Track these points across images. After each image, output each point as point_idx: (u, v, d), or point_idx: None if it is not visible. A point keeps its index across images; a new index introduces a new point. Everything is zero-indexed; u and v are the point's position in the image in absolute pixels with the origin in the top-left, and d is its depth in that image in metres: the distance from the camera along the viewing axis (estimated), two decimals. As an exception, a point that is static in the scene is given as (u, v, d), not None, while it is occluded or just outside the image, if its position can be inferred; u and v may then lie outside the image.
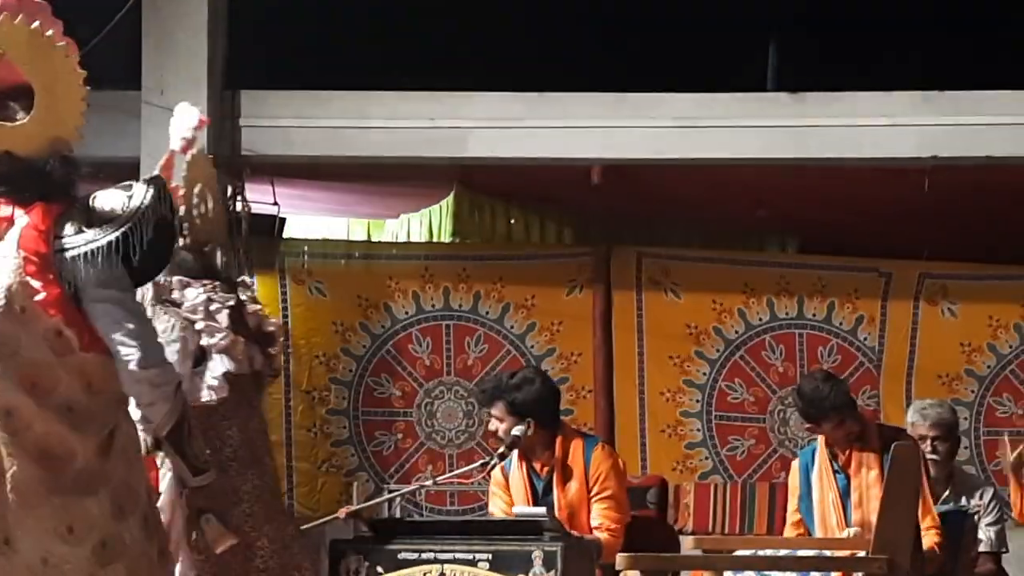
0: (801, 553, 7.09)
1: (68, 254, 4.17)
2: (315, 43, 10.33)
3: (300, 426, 10.57)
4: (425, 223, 11.04)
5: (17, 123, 4.25)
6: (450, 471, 10.10)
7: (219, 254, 6.30)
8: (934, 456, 8.01)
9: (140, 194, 4.23)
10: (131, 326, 4.16)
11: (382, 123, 9.50)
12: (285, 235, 10.15)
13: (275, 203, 9.80)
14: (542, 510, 6.90)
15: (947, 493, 8.00)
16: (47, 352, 4.16)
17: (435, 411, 10.61)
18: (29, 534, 4.11)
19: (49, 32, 4.27)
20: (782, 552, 7.20)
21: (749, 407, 10.57)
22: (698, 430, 10.56)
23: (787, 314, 10.58)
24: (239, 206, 9.58)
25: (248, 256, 9.72)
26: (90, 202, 4.24)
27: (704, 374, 10.56)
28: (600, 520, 7.24)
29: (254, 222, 9.70)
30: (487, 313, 10.61)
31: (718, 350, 10.56)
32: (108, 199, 4.23)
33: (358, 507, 7.89)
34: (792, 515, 7.66)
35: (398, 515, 9.92)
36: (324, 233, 11.01)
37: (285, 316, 10.55)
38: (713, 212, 11.05)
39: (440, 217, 10.98)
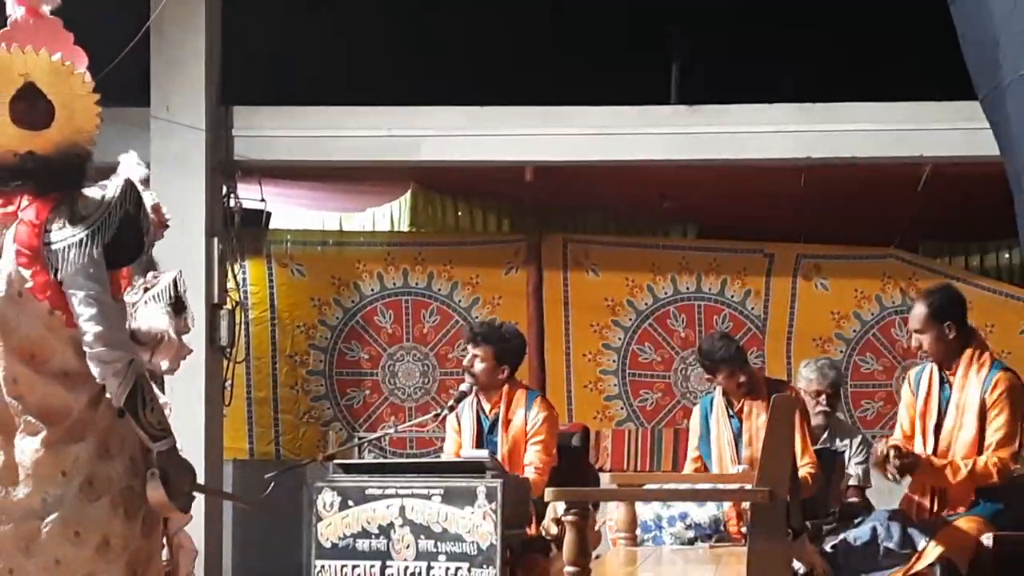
0: (699, 486, 7.13)
1: (52, 247, 4.15)
2: (295, 66, 10.31)
3: (284, 384, 10.55)
4: (387, 216, 11.01)
5: (41, 132, 4.23)
6: (409, 421, 10.11)
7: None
8: (826, 408, 8.06)
9: (110, 193, 4.21)
10: (90, 311, 4.10)
11: (350, 133, 9.48)
12: (271, 227, 10.11)
13: (263, 200, 9.76)
14: (485, 452, 6.90)
15: (825, 436, 8.06)
16: (42, 328, 4.15)
17: (396, 371, 10.61)
18: (31, 479, 4.13)
19: (68, 62, 4.26)
20: (683, 486, 7.24)
21: (657, 366, 10.59)
22: (615, 385, 10.59)
23: (688, 289, 10.61)
24: (233, 203, 9.57)
25: (240, 244, 9.71)
26: (76, 200, 4.20)
27: (619, 339, 10.58)
28: (531, 459, 7.26)
29: (245, 216, 9.64)
30: (439, 290, 10.61)
31: (631, 319, 10.58)
32: (87, 197, 4.21)
33: (333, 451, 7.90)
34: (692, 451, 7.68)
35: (366, 458, 9.93)
36: (304, 224, 10.99)
37: (271, 293, 10.54)
38: (625, 205, 11.05)
39: (399, 211, 10.96)
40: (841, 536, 6.53)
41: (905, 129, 9.29)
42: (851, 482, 8.02)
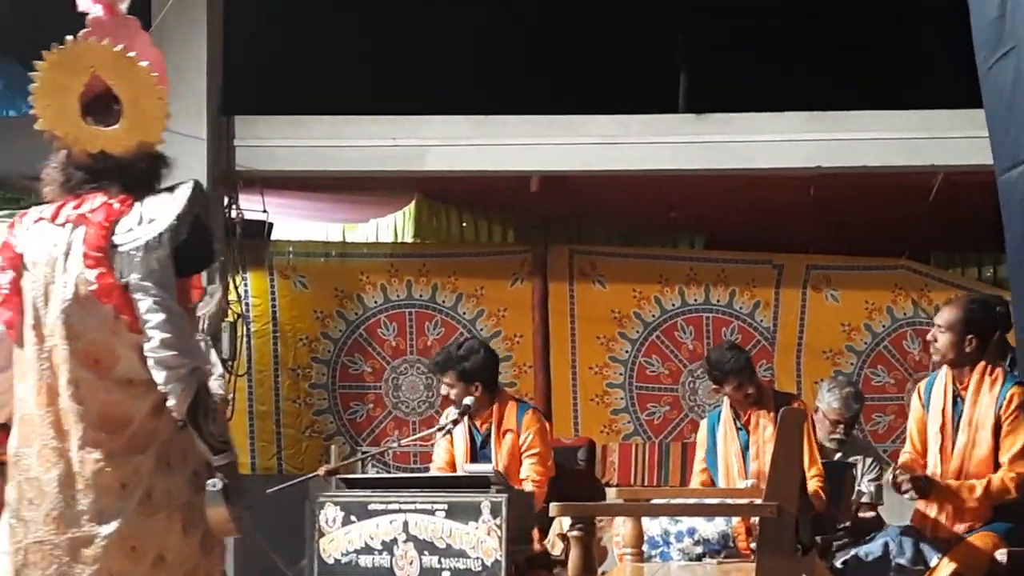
0: (707, 501, 7.13)
1: (119, 250, 4.12)
2: (297, 75, 10.32)
3: (287, 398, 10.55)
4: (391, 226, 11.03)
5: (110, 128, 4.23)
6: (413, 435, 10.11)
7: None
8: (843, 438, 8.05)
9: (178, 196, 4.17)
10: (156, 316, 4.06)
11: (353, 143, 9.49)
12: (273, 238, 10.12)
13: (264, 211, 9.76)
14: (489, 467, 6.91)
15: (838, 455, 8.05)
16: (107, 333, 4.12)
17: (400, 384, 10.61)
18: (90, 490, 4.10)
19: (132, 53, 4.25)
20: (691, 501, 7.23)
21: (664, 379, 10.59)
22: (621, 399, 10.59)
23: (695, 300, 10.61)
24: (234, 214, 9.57)
25: (242, 255, 9.72)
26: (142, 203, 4.18)
27: (626, 351, 10.58)
28: (527, 472, 7.27)
29: (247, 227, 9.65)
30: (443, 302, 10.62)
31: (638, 331, 10.59)
32: (155, 200, 4.18)
33: (336, 466, 7.90)
34: (699, 464, 7.69)
35: (369, 473, 9.93)
36: (306, 235, 11.00)
37: (273, 305, 10.55)
38: (632, 215, 11.06)
39: (403, 221, 10.97)
40: (852, 552, 6.53)
41: (916, 138, 9.28)
42: (863, 499, 8.01)
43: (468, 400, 7.31)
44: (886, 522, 7.69)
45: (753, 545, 6.90)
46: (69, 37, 4.26)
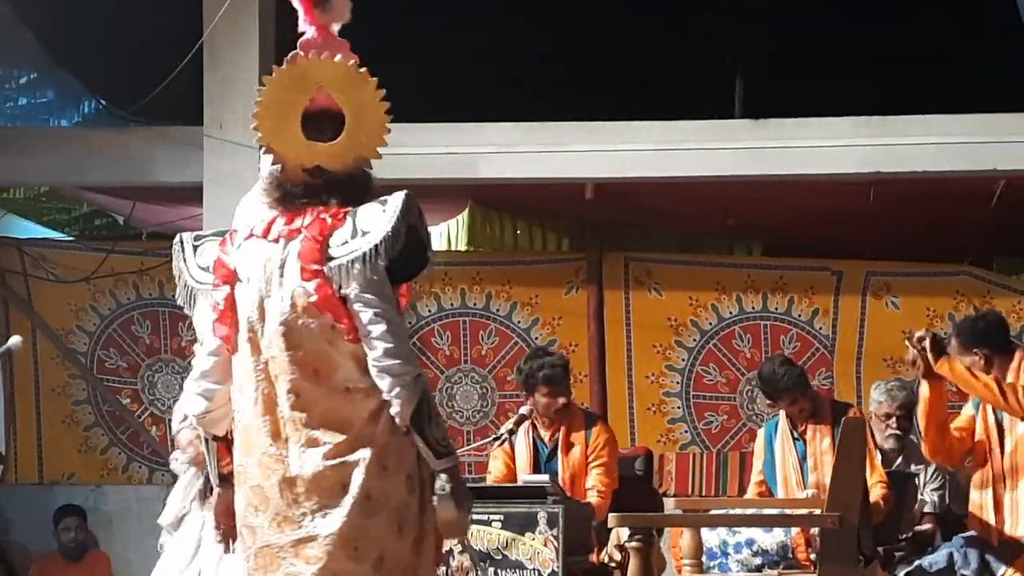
0: (766, 511, 7.10)
1: (335, 262, 4.21)
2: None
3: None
4: (444, 234, 11.03)
5: (329, 143, 4.30)
6: (468, 445, 10.11)
7: None
8: (897, 432, 8.00)
9: (393, 209, 4.24)
10: (379, 327, 4.16)
11: (409, 150, 9.48)
12: (327, 247, 10.11)
13: (317, 219, 9.77)
14: (546, 477, 6.90)
15: (899, 461, 8.00)
16: (324, 343, 4.22)
17: (454, 394, 10.61)
18: (312, 493, 4.19)
19: (363, 69, 4.35)
20: (750, 511, 7.21)
21: (722, 387, 10.55)
22: (678, 408, 10.55)
23: (753, 308, 10.56)
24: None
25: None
26: (357, 215, 4.26)
27: (683, 360, 10.54)
28: (593, 483, 7.26)
29: (300, 236, 9.68)
30: (497, 310, 10.61)
31: (695, 339, 10.54)
32: (367, 212, 4.26)
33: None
34: (756, 476, 7.67)
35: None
36: (359, 243, 10.98)
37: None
38: (689, 222, 11.03)
39: (457, 229, 10.97)
40: (916, 563, 6.50)
41: (977, 142, 9.23)
42: (926, 509, 7.96)
43: (525, 409, 7.31)
44: (948, 532, 7.65)
45: (813, 556, 6.87)
46: (300, 54, 4.35)
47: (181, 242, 4.46)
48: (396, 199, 4.25)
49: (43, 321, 10.74)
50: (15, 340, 6.91)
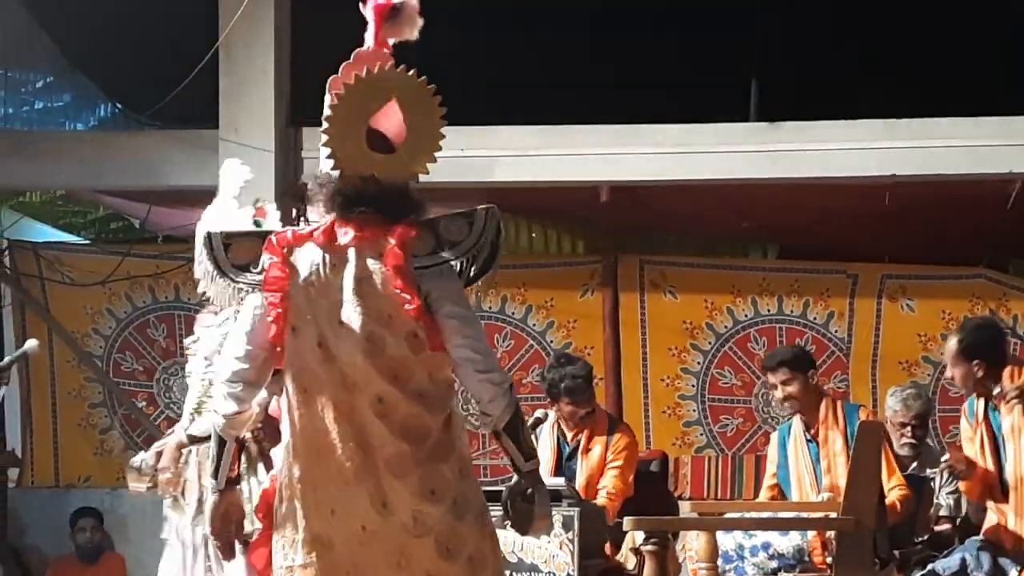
0: (782, 515, 7.10)
1: (424, 272, 4.30)
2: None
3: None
4: (459, 238, 11.02)
5: (388, 155, 4.36)
6: (484, 448, 10.11)
7: None
8: (912, 441, 8.01)
9: (480, 222, 4.37)
10: (476, 339, 4.33)
11: (423, 153, 9.51)
12: (341, 249, 10.12)
13: (332, 222, 9.78)
14: (561, 480, 6.92)
15: (914, 466, 8.00)
16: (406, 349, 4.28)
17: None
18: (401, 498, 4.25)
19: (431, 85, 4.40)
20: (766, 515, 7.20)
21: (737, 391, 10.55)
22: (694, 411, 10.55)
23: (769, 311, 10.56)
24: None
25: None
26: (438, 225, 4.36)
27: (698, 363, 10.54)
28: (605, 483, 7.28)
29: (314, 239, 9.69)
30: (512, 313, 10.62)
31: (710, 342, 10.55)
32: (452, 224, 4.37)
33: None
34: (769, 479, 7.67)
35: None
36: (374, 247, 10.99)
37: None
38: (704, 225, 11.02)
39: (472, 232, 10.96)
40: (929, 567, 6.49)
41: (993, 145, 9.23)
42: (941, 512, 7.96)
43: (540, 412, 7.34)
44: (964, 535, 7.64)
45: (829, 560, 6.87)
46: (374, 69, 4.37)
47: (210, 238, 4.47)
48: (484, 214, 4.39)
49: (59, 324, 10.77)
50: (32, 344, 6.92)
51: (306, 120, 9.59)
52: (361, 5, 4.52)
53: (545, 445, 7.45)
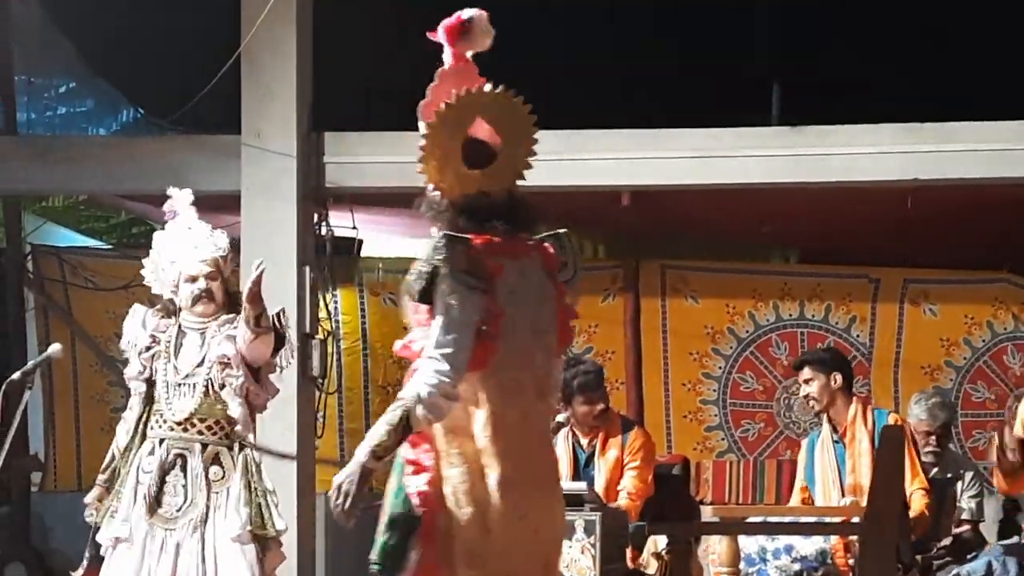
0: (804, 519, 7.09)
1: (570, 283, 4.55)
2: (386, 92, 10.38)
3: (375, 415, 10.57)
4: (480, 243, 11.03)
5: (488, 169, 4.46)
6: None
7: None
8: (936, 449, 8.01)
9: (567, 242, 4.59)
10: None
11: (444, 159, 9.51)
12: (363, 255, 10.15)
13: (354, 227, 9.81)
14: (583, 485, 6.92)
15: (935, 471, 7.99)
16: (549, 362, 4.50)
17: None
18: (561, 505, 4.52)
19: (522, 100, 4.52)
20: (788, 519, 7.20)
21: (759, 395, 10.54)
22: (715, 415, 10.55)
23: (790, 315, 10.55)
24: (324, 231, 9.63)
25: (332, 273, 9.77)
26: (560, 239, 4.56)
27: (720, 367, 10.54)
28: (624, 484, 7.29)
29: (336, 244, 9.72)
30: (534, 318, 10.61)
31: (731, 347, 10.54)
32: (565, 239, 4.59)
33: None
34: (800, 482, 7.70)
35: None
36: (396, 252, 11.03)
37: (364, 323, 10.60)
38: (725, 229, 11.02)
39: (493, 237, 10.97)
40: (954, 572, 6.48)
41: (1016, 149, 9.19)
42: (964, 516, 7.97)
43: (561, 417, 7.34)
44: (988, 541, 7.63)
45: (852, 562, 6.86)
46: (461, 93, 4.48)
47: (448, 239, 4.46)
48: (567, 236, 4.58)
49: (82, 329, 10.79)
50: (55, 348, 6.94)
51: (329, 124, 9.61)
52: (430, 35, 4.60)
53: (560, 453, 7.45)
